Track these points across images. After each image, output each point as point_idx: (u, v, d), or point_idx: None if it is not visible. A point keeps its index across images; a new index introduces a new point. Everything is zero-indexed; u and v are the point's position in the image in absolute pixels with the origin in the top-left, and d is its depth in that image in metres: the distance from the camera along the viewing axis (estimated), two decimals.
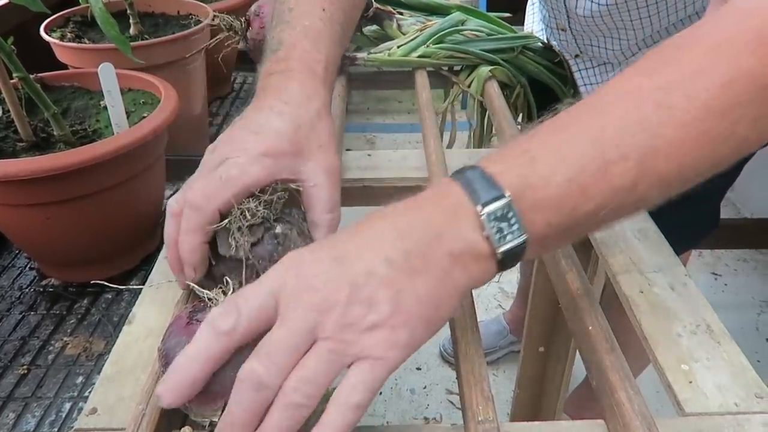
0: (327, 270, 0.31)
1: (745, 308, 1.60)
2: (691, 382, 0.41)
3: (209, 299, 0.35)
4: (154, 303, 0.49)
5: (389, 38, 0.87)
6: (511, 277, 1.71)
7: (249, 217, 0.38)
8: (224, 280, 0.37)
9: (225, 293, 0.35)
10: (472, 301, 0.44)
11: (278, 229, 0.39)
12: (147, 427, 0.34)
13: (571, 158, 0.32)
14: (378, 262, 0.31)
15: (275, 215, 0.40)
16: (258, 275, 0.37)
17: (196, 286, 0.37)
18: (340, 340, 0.30)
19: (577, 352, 0.83)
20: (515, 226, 0.32)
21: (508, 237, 0.32)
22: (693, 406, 0.40)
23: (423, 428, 0.36)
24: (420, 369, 1.44)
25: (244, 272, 0.38)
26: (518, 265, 0.34)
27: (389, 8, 0.89)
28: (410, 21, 0.88)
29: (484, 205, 0.31)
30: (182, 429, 0.34)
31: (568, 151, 0.32)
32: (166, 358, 0.34)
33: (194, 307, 0.36)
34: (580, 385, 1.22)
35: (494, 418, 0.35)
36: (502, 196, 0.31)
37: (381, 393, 1.39)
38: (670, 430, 0.37)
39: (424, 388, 1.40)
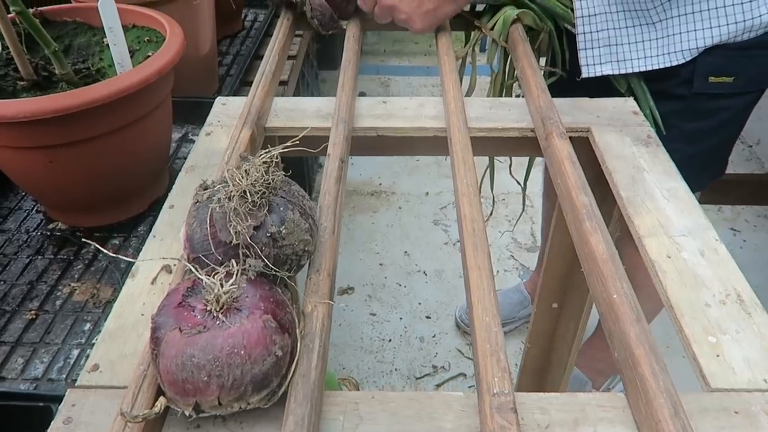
0: None
1: (764, 265, 1.57)
2: (718, 356, 0.39)
3: (206, 283, 0.32)
4: (159, 254, 0.47)
5: None
6: (525, 227, 1.69)
7: (249, 196, 0.35)
8: (231, 263, 0.34)
9: (230, 275, 0.33)
10: (490, 264, 0.42)
11: (281, 213, 0.36)
12: (148, 388, 0.33)
13: None
14: None
15: (275, 194, 0.37)
16: (262, 259, 0.35)
17: (196, 268, 0.34)
18: None
19: (592, 309, 0.82)
20: None
21: None
22: (719, 382, 0.38)
23: (435, 396, 0.34)
24: (429, 318, 1.44)
25: (240, 258, 0.35)
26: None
27: None
28: None
29: None
30: (158, 399, 0.32)
31: None
32: (154, 332, 0.33)
33: (193, 285, 0.34)
34: (592, 337, 1.21)
35: (510, 390, 0.33)
36: None
37: (390, 340, 1.39)
38: (694, 407, 0.35)
39: (434, 336, 1.40)
